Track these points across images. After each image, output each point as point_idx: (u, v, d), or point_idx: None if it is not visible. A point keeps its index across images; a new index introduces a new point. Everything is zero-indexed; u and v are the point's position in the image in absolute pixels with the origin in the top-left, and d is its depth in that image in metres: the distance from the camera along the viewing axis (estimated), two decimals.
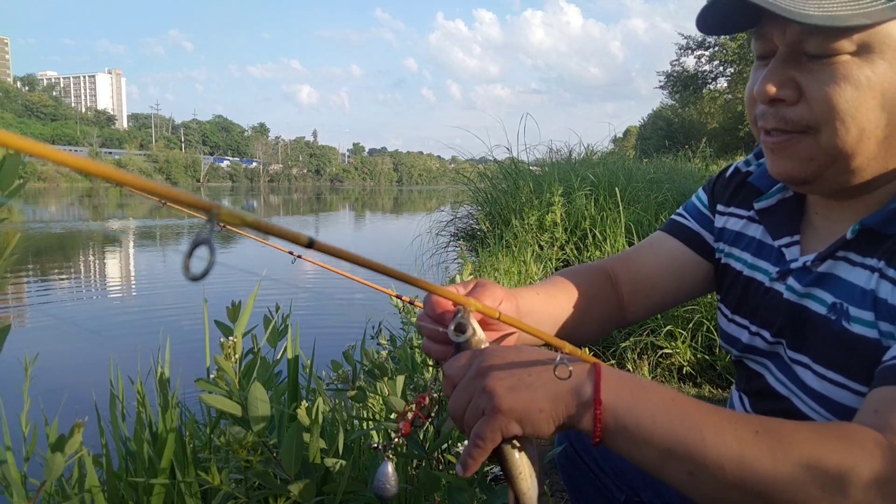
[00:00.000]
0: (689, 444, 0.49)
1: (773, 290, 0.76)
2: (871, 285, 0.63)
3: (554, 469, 2.04)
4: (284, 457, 1.00)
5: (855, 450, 0.48)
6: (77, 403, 1.52)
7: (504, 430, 0.52)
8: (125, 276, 9.44)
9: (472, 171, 7.51)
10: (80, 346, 5.08)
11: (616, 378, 0.52)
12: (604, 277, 0.90)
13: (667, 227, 0.93)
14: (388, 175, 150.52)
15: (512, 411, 0.51)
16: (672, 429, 0.49)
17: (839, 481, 0.47)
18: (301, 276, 7.46)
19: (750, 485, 0.48)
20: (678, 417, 0.50)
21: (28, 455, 1.07)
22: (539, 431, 0.52)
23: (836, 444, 0.49)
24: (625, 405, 0.50)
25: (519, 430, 0.52)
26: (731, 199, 0.86)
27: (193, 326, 4.76)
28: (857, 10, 0.57)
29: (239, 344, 1.03)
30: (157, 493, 1.22)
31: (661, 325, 3.18)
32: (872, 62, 0.59)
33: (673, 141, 17.00)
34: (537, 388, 0.52)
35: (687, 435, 0.49)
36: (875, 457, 0.47)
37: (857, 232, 0.65)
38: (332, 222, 23.01)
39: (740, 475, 0.48)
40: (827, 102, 0.61)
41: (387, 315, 2.57)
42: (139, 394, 1.48)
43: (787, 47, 0.63)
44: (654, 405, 0.50)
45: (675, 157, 8.58)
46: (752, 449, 0.48)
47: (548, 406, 0.51)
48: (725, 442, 0.48)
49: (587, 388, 0.51)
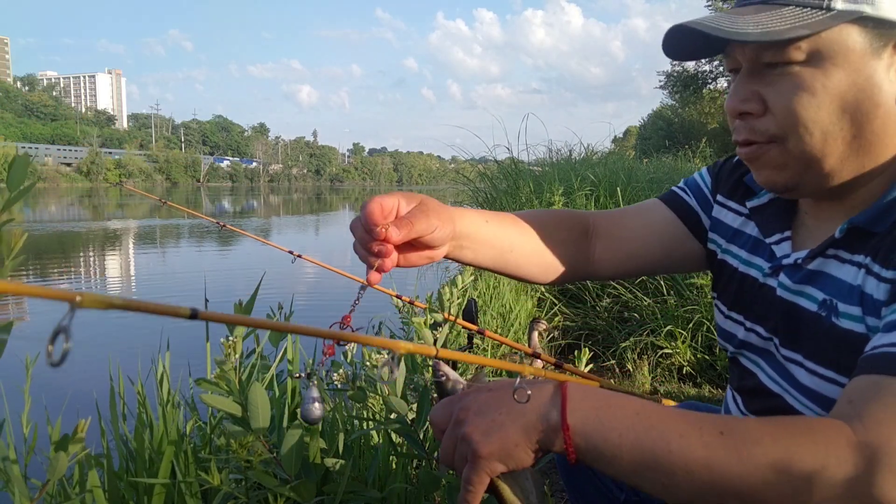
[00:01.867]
0: (657, 455, 0.50)
1: (767, 286, 0.77)
2: (858, 281, 0.64)
3: (554, 469, 2.04)
4: (284, 457, 1.00)
5: (823, 447, 0.48)
6: (78, 403, 1.52)
7: (489, 471, 0.55)
8: (125, 275, 9.44)
9: (472, 170, 7.50)
10: (80, 345, 5.07)
11: (581, 397, 0.54)
12: (579, 226, 0.92)
13: (665, 196, 0.94)
14: (388, 175, 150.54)
15: (491, 455, 0.54)
16: (639, 443, 0.51)
17: (809, 480, 0.47)
18: (301, 276, 7.46)
19: (721, 487, 0.49)
20: (643, 430, 0.51)
21: (29, 455, 1.07)
22: (521, 463, 0.55)
23: (804, 441, 0.49)
24: (592, 425, 0.52)
25: (503, 467, 0.55)
26: (731, 191, 0.87)
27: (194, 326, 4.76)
28: (797, 24, 0.60)
29: (239, 344, 1.03)
30: (158, 492, 1.22)
31: (662, 325, 3.18)
32: (825, 69, 0.62)
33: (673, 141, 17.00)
34: (509, 426, 0.54)
35: (654, 447, 0.50)
36: (844, 453, 0.48)
37: (846, 231, 0.66)
38: (332, 222, 23.01)
39: (710, 479, 0.49)
40: (788, 111, 0.64)
41: (387, 315, 2.58)
42: (139, 394, 1.49)
43: (748, 63, 0.67)
44: (620, 422, 0.52)
45: (675, 157, 8.58)
46: (719, 451, 0.49)
47: (522, 439, 0.54)
48: (691, 447, 0.49)
49: (554, 414, 0.53)
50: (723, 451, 0.49)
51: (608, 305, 3.62)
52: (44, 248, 12.07)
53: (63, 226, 18.20)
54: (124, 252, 12.35)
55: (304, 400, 0.74)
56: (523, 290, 3.63)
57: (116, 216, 24.31)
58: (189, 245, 13.83)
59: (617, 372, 3.14)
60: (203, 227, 16.01)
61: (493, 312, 3.21)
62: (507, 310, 3.26)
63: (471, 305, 1.56)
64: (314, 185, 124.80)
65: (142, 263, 10.85)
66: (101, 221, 20.86)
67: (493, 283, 3.43)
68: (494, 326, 3.12)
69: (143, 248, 13.41)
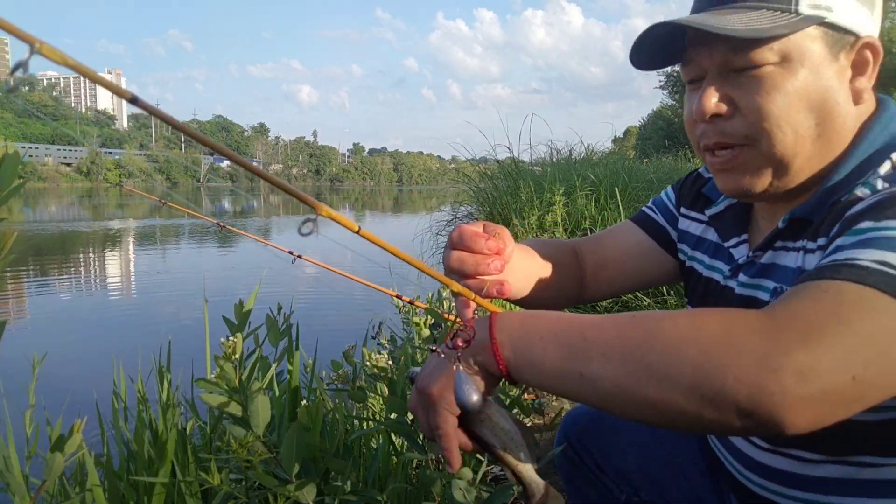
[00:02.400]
0: (574, 346, 0.53)
1: (728, 287, 0.80)
2: (799, 263, 0.68)
3: (554, 470, 2.04)
4: (284, 457, 1.00)
5: (730, 315, 0.49)
6: (78, 403, 1.52)
7: (446, 408, 0.58)
8: (126, 275, 9.44)
9: (472, 170, 7.50)
10: (80, 345, 5.08)
11: (508, 317, 0.58)
12: (572, 254, 0.96)
13: (636, 217, 1.00)
14: (388, 175, 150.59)
15: (441, 391, 0.58)
16: (557, 340, 0.54)
17: (717, 343, 0.47)
18: (301, 276, 7.46)
19: (634, 366, 0.49)
20: (561, 329, 0.54)
21: (30, 454, 1.07)
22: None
23: (714, 314, 0.50)
24: (517, 335, 0.56)
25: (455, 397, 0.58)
26: (692, 203, 0.92)
27: (196, 325, 4.77)
28: (776, 24, 0.63)
29: (239, 343, 1.03)
30: (158, 492, 1.22)
31: None
32: (794, 70, 0.64)
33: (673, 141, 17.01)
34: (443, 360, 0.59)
35: (571, 339, 0.53)
36: (752, 318, 0.48)
37: (788, 221, 0.69)
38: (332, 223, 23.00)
39: (622, 357, 0.50)
40: (760, 111, 0.66)
41: (387, 315, 2.57)
42: (140, 393, 1.49)
43: (717, 66, 0.68)
44: (540, 327, 0.56)
45: (675, 157, 8.59)
46: (629, 330, 0.51)
47: (464, 367, 0.58)
48: (604, 330, 0.52)
49: (484, 335, 0.57)
50: (633, 329, 0.51)
51: (608, 306, 3.62)
52: (44, 247, 12.08)
53: (64, 225, 18.21)
54: (124, 252, 12.36)
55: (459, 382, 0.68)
56: None
57: (116, 216, 24.32)
58: (189, 245, 13.83)
59: None
60: (203, 227, 16.01)
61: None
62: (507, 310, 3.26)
63: None
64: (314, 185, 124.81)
65: (142, 263, 10.85)
66: (101, 221, 20.87)
67: None
68: None
69: (143, 248, 13.41)
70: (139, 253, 12.39)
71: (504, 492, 1.02)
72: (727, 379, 0.45)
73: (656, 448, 1.00)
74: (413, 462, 1.43)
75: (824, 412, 0.45)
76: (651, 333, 0.50)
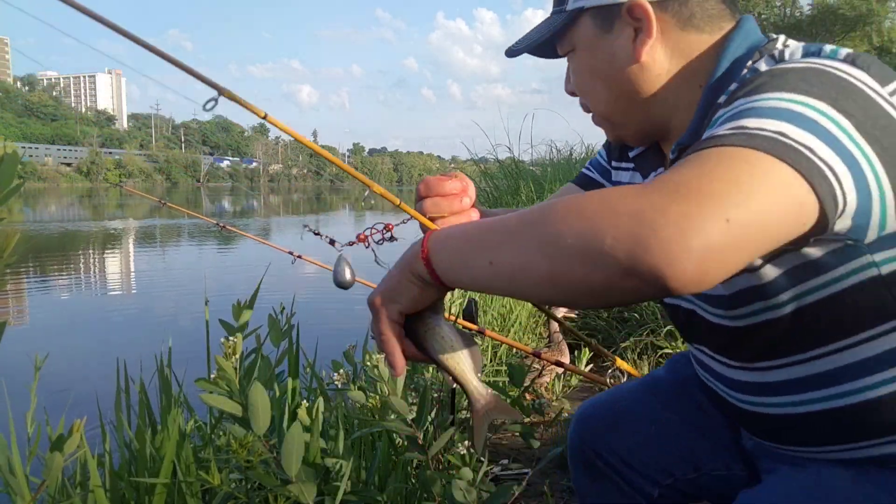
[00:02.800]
0: (482, 236, 0.58)
1: None
2: None
3: (554, 471, 2.04)
4: (284, 457, 1.00)
5: (609, 191, 0.52)
6: (79, 402, 1.53)
7: (387, 314, 0.64)
8: (126, 275, 9.44)
9: (472, 170, 7.51)
10: (81, 345, 5.08)
11: (438, 231, 0.64)
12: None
13: (577, 179, 1.09)
14: (388, 175, 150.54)
15: (382, 298, 0.65)
16: (469, 236, 0.60)
17: (598, 209, 0.49)
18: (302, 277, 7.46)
19: (530, 243, 0.52)
20: (476, 226, 0.61)
21: (31, 454, 1.07)
22: (410, 295, 0.64)
23: (599, 192, 0.53)
24: (441, 242, 0.62)
25: (396, 305, 0.64)
26: (620, 155, 1.00)
27: (196, 325, 4.76)
28: (547, 31, 0.81)
29: (239, 343, 1.03)
30: (159, 492, 1.22)
31: (662, 324, 3.18)
32: (580, 55, 0.82)
33: None
34: (392, 272, 0.66)
35: (481, 232, 0.59)
36: (627, 191, 0.50)
37: (675, 150, 0.77)
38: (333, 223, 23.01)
39: (521, 237, 0.53)
40: (579, 88, 0.85)
41: None
42: (141, 392, 1.49)
43: (565, 58, 0.86)
44: (460, 230, 0.62)
45: None
46: (528, 214, 0.55)
47: (400, 275, 0.64)
48: (508, 220, 0.56)
49: (418, 247, 0.63)
50: (530, 213, 0.55)
51: None
52: (44, 247, 12.08)
53: (65, 225, 18.21)
54: (124, 252, 12.36)
55: (336, 266, 0.79)
56: None
57: (117, 216, 24.32)
58: (189, 245, 13.84)
59: (617, 372, 3.14)
60: (203, 227, 16.01)
61: (494, 313, 3.21)
62: (508, 310, 3.27)
63: (471, 306, 1.56)
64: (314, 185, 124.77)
65: (142, 263, 10.85)
66: (102, 221, 20.87)
67: None
68: (495, 326, 3.12)
69: (144, 248, 13.42)
70: (139, 253, 12.40)
71: (504, 492, 1.02)
72: (606, 240, 0.47)
73: (676, 420, 1.00)
74: (413, 462, 1.43)
75: (706, 262, 0.46)
76: (543, 213, 0.53)
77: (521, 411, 1.34)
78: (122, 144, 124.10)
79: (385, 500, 1.15)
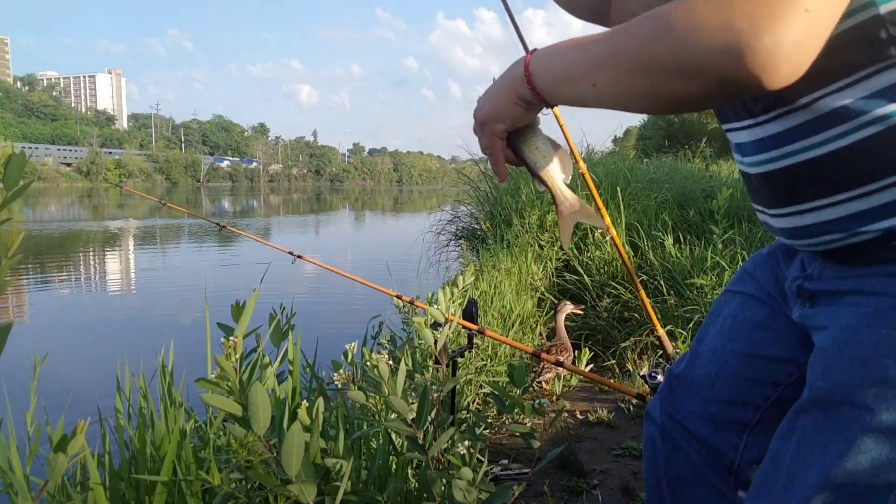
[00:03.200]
0: (582, 55, 0.63)
1: None
2: None
3: (554, 471, 2.04)
4: (284, 457, 1.00)
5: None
6: (79, 402, 1.53)
7: (493, 131, 0.72)
8: (126, 275, 9.44)
9: (472, 170, 7.50)
10: (81, 344, 5.08)
11: (539, 53, 0.68)
12: None
13: None
14: (388, 175, 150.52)
15: (488, 116, 0.72)
16: (566, 54, 0.65)
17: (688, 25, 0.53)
18: (302, 277, 7.46)
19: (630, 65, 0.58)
20: (571, 48, 0.65)
21: (31, 454, 1.07)
22: (514, 115, 0.71)
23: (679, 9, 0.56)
24: (541, 58, 0.67)
25: (502, 125, 0.72)
26: None
27: (196, 325, 4.76)
28: None
29: (239, 344, 1.03)
30: (160, 492, 1.22)
31: (662, 325, 3.18)
32: None
33: (673, 141, 16.97)
34: (494, 91, 0.72)
35: (578, 52, 0.63)
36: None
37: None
38: (333, 223, 23.01)
39: (619, 56, 0.59)
40: None
41: (387, 315, 2.58)
42: (142, 392, 1.49)
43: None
44: (557, 51, 0.66)
45: (675, 157, 8.59)
46: (619, 36, 0.60)
47: (504, 95, 0.70)
48: (601, 40, 0.61)
49: (520, 70, 0.68)
50: (623, 30, 0.59)
51: (608, 305, 3.62)
52: (44, 247, 12.07)
53: (65, 225, 18.20)
54: (124, 252, 12.36)
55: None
56: (524, 290, 3.63)
57: (117, 216, 24.31)
58: (189, 245, 13.83)
59: (617, 372, 3.14)
60: (203, 227, 16.01)
61: (494, 312, 3.21)
62: (508, 310, 3.26)
63: (471, 306, 1.56)
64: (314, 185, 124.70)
65: (142, 263, 10.85)
66: (102, 221, 20.86)
67: (494, 283, 3.43)
68: (495, 326, 3.12)
69: (144, 248, 13.41)
70: (139, 253, 12.39)
71: (504, 492, 1.02)
72: (701, 56, 0.52)
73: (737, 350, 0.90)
74: (413, 462, 1.43)
75: (797, 55, 0.51)
76: (634, 35, 0.58)
77: (520, 410, 1.34)
78: (122, 144, 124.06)
79: (385, 500, 1.15)
